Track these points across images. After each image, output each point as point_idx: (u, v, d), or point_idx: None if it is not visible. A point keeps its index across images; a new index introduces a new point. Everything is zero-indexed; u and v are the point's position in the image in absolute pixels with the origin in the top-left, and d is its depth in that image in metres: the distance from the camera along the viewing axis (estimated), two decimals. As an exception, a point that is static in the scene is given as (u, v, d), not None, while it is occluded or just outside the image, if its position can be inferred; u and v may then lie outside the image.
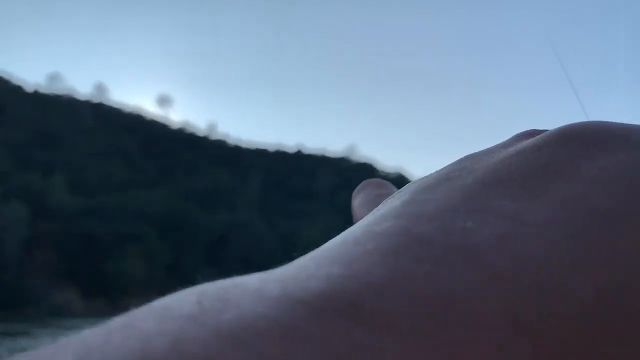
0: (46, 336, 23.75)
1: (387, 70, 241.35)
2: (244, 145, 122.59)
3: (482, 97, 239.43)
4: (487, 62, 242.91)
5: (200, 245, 66.64)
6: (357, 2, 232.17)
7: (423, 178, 0.22)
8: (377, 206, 0.23)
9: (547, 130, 0.22)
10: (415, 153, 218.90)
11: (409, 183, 0.24)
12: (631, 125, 0.21)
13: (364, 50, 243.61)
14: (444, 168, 0.20)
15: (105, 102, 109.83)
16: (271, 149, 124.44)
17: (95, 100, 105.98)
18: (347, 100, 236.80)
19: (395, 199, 0.20)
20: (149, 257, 58.61)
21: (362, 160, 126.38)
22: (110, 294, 54.89)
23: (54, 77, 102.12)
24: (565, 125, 0.21)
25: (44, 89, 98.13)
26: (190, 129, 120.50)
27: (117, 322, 0.14)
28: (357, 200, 0.41)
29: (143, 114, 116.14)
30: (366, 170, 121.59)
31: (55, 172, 65.02)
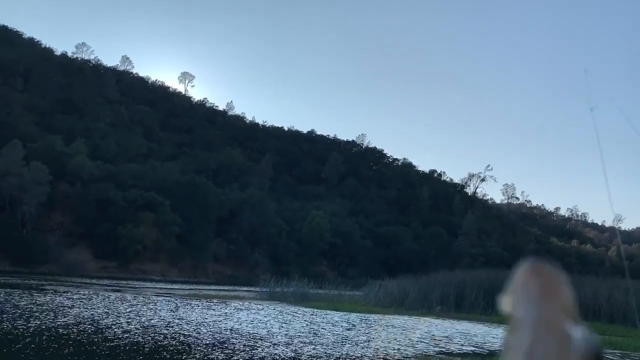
0: (60, 293, 26.44)
1: (400, 65, 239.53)
2: (259, 125, 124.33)
3: (486, 93, 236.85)
4: (491, 59, 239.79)
5: (211, 218, 69.33)
6: (372, 2, 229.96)
7: None
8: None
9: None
10: (422, 144, 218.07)
11: None
12: None
13: (379, 42, 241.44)
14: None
15: (130, 74, 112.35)
16: (285, 130, 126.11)
17: (120, 71, 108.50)
18: (360, 90, 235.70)
19: None
20: (162, 226, 61.44)
21: (371, 146, 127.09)
22: (122, 257, 57.94)
23: (81, 47, 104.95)
24: None
25: (71, 58, 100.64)
26: (209, 106, 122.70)
27: None
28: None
29: (165, 87, 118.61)
30: (375, 157, 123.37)
31: (77, 137, 67.89)
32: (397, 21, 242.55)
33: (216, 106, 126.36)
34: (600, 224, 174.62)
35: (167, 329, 14.77)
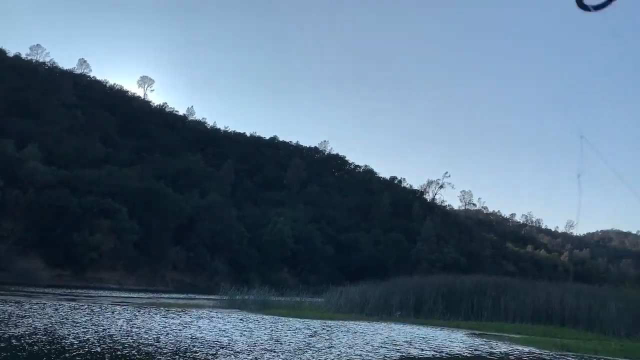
0: (11, 302, 25.49)
1: (362, 72, 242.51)
2: (220, 130, 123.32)
3: (445, 101, 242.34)
4: (450, 68, 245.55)
5: (170, 225, 68.12)
6: (340, 6, 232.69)
7: None
8: None
9: None
10: (384, 151, 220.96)
11: None
12: None
13: (343, 49, 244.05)
14: None
15: (87, 77, 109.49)
16: (247, 136, 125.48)
17: (77, 74, 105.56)
18: (323, 97, 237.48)
19: None
20: (119, 233, 59.95)
21: (334, 153, 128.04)
22: (77, 266, 56.22)
23: (35, 49, 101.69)
24: None
25: (25, 60, 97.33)
26: (168, 110, 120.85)
27: None
28: None
29: (123, 92, 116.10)
30: (337, 164, 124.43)
31: (30, 141, 65.59)
32: (359, 29, 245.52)
33: (176, 111, 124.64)
34: (553, 229, 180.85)
35: (126, 338, 14.48)
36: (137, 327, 17.47)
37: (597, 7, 1.59)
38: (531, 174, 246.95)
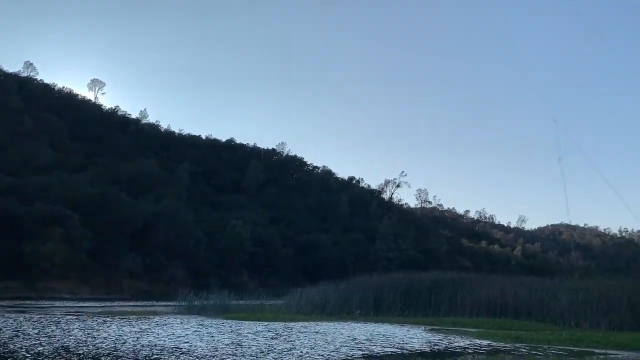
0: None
1: (319, 73, 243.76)
2: (175, 133, 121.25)
3: (401, 101, 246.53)
4: (405, 69, 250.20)
5: (125, 231, 66.42)
6: (300, 6, 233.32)
7: None
8: None
9: None
10: (342, 152, 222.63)
11: None
12: None
13: (299, 50, 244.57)
14: None
15: (34, 80, 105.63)
16: (203, 139, 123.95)
17: (23, 77, 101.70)
18: (280, 98, 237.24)
19: None
20: (71, 241, 57.99)
21: (292, 155, 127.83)
22: (27, 276, 54.06)
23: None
24: None
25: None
26: (121, 114, 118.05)
27: None
28: None
29: (73, 95, 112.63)
30: (295, 165, 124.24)
31: (-26, 148, 62.71)
32: (315, 29, 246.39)
33: (129, 114, 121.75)
34: (506, 225, 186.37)
35: (82, 349, 14.08)
36: (92, 337, 17.01)
37: None
38: (484, 171, 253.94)
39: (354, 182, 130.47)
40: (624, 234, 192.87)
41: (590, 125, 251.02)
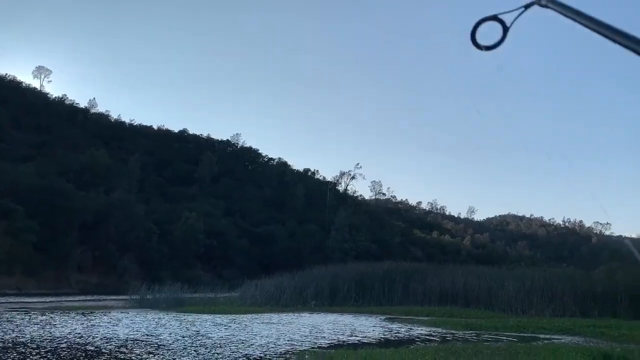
0: None
1: (273, 64, 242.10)
2: (126, 123, 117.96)
3: (355, 93, 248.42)
4: (360, 61, 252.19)
5: (74, 224, 64.30)
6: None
7: None
8: None
9: None
10: (297, 143, 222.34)
11: None
12: None
13: (253, 40, 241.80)
14: None
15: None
16: (154, 129, 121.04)
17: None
18: (234, 89, 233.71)
19: None
20: (15, 234, 55.71)
21: (246, 146, 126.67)
22: (-32, 271, 51.57)
23: None
24: None
25: None
26: (68, 103, 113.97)
27: None
28: None
29: (17, 82, 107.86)
30: (250, 156, 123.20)
31: None
32: (270, 20, 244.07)
33: (77, 103, 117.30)
34: (456, 215, 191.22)
35: (38, 343, 13.57)
36: (39, 334, 16.44)
37: (489, 48, 1.80)
38: (436, 163, 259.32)
39: (309, 173, 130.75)
40: (567, 224, 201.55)
41: (540, 119, 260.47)
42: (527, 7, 1.71)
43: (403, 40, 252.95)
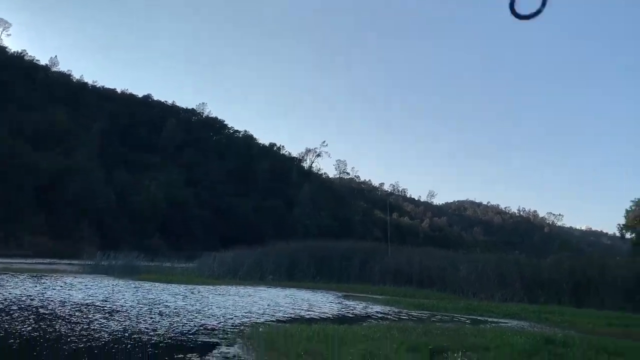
0: None
1: (242, 33, 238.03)
2: (88, 85, 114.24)
3: (325, 68, 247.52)
4: (329, 36, 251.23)
5: (28, 185, 62.44)
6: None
7: None
8: None
9: None
10: (263, 117, 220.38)
11: None
12: None
13: (221, 9, 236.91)
14: None
15: None
16: (118, 92, 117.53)
17: None
18: (201, 57, 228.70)
19: None
20: (-34, 193, 53.77)
21: (212, 116, 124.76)
22: None
23: None
24: None
25: None
26: (28, 59, 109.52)
27: None
28: None
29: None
30: (215, 127, 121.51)
31: None
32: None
33: (37, 60, 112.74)
34: (416, 198, 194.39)
35: (3, 304, 13.23)
36: (-12, 296, 16.02)
37: (527, 17, 1.85)
38: (400, 146, 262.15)
39: (275, 148, 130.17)
40: (521, 213, 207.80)
41: (502, 111, 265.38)
42: None
43: (385, 19, 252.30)
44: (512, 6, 1.84)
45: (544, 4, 1.76)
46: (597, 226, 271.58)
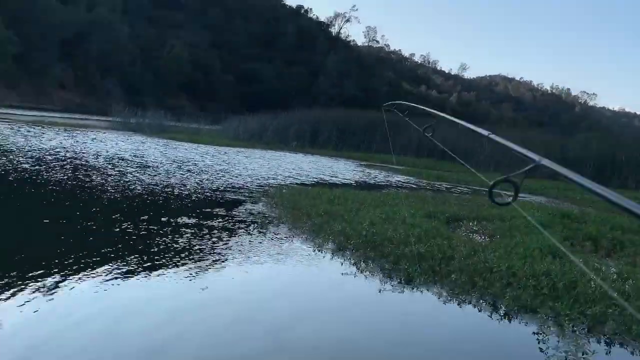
0: None
1: None
2: None
3: None
4: None
5: (53, 38, 61.89)
6: None
7: None
8: None
9: None
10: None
11: None
12: None
13: None
14: None
15: None
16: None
17: None
18: None
19: None
20: (-7, 45, 53.65)
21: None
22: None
23: None
24: None
25: None
26: None
27: None
28: None
29: None
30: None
31: None
32: None
33: None
34: (447, 71, 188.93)
35: (19, 153, 13.85)
36: (22, 143, 16.70)
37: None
38: (434, 14, 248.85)
39: (302, 11, 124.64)
40: (554, 90, 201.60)
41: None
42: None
43: None
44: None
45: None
46: (631, 107, 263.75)
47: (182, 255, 6.15)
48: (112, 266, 5.46)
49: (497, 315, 5.11)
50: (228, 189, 11.96)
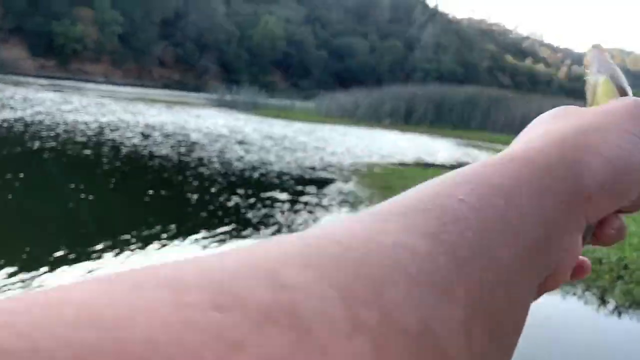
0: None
1: None
2: None
3: None
4: None
5: (154, 18, 64.50)
6: None
7: None
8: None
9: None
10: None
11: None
12: None
13: None
14: None
15: None
16: None
17: None
18: None
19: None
20: (101, 24, 56.81)
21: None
22: (60, 56, 54.41)
23: None
24: None
25: None
26: None
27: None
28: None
29: None
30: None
31: None
32: None
33: None
34: (556, 45, 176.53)
35: (124, 125, 14.06)
36: (129, 118, 17.02)
37: None
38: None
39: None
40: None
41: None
42: None
43: None
44: None
45: None
46: None
47: (280, 230, 6.02)
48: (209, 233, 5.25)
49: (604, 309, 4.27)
50: (320, 166, 11.42)
